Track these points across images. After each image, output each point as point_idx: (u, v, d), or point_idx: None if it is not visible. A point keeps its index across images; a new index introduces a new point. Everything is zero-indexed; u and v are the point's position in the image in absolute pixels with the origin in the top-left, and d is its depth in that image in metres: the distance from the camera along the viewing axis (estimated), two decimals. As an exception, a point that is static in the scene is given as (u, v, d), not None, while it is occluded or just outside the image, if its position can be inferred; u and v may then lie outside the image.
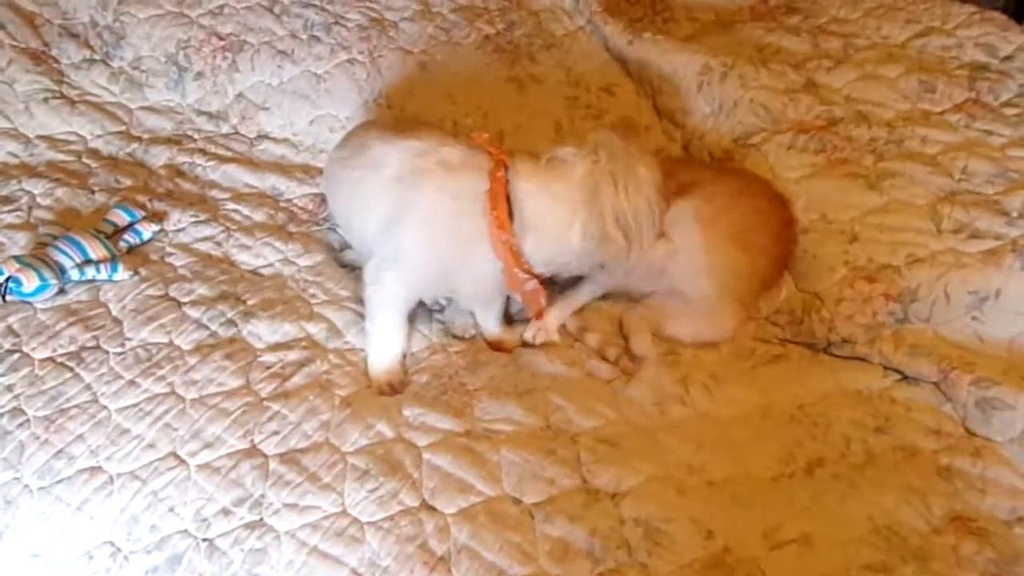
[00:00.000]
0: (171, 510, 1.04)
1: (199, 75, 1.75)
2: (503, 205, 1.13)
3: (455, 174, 1.17)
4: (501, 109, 1.56)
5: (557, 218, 1.13)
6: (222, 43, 1.74)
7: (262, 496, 1.04)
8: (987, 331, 1.15)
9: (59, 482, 1.07)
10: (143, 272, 1.35)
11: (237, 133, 1.73)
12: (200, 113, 1.75)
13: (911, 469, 1.03)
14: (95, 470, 1.08)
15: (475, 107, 1.57)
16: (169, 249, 1.43)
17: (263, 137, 1.71)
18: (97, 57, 1.78)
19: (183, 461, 1.08)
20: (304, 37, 1.73)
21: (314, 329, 1.28)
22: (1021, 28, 1.59)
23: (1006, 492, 1.01)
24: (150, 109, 1.75)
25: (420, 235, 1.18)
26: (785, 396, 1.13)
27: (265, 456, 1.08)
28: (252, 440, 1.10)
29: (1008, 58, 1.54)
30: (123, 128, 1.71)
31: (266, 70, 1.72)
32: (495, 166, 1.15)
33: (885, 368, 1.18)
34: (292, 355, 1.23)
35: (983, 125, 1.39)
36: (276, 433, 1.11)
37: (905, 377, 1.16)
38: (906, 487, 1.01)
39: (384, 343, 1.24)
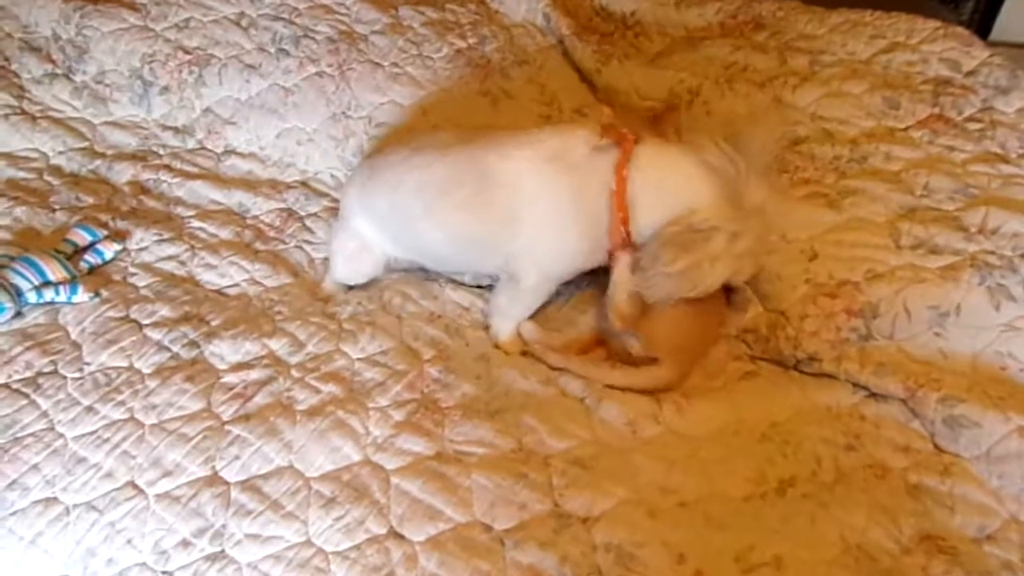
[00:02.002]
0: (129, 542, 1.01)
1: (165, 90, 1.72)
2: (624, 207, 1.18)
3: (590, 173, 1.20)
4: (475, 122, 1.55)
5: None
6: (188, 57, 1.71)
7: (223, 526, 1.01)
8: (950, 347, 1.16)
9: (12, 514, 1.03)
10: (104, 293, 1.32)
11: (203, 148, 1.70)
12: (166, 128, 1.72)
13: (881, 487, 1.03)
14: (50, 501, 1.04)
15: (448, 119, 1.56)
16: (132, 269, 1.40)
17: (230, 152, 1.69)
18: (59, 71, 1.74)
19: (141, 491, 1.05)
20: (272, 51, 1.71)
21: (276, 345, 1.25)
22: (984, 43, 1.62)
23: (975, 509, 1.01)
24: (114, 124, 1.72)
25: (575, 232, 1.23)
26: (756, 414, 1.13)
27: (226, 483, 1.06)
28: (213, 466, 1.07)
29: (971, 73, 1.56)
30: (86, 144, 1.67)
31: (234, 84, 1.70)
32: (619, 162, 1.17)
33: (854, 385, 1.18)
34: (254, 374, 1.20)
35: (946, 141, 1.41)
36: (237, 458, 1.08)
37: (873, 393, 1.16)
38: (876, 506, 1.01)
39: (515, 321, 1.31)
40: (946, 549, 0.97)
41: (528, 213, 1.22)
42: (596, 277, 1.35)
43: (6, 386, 1.16)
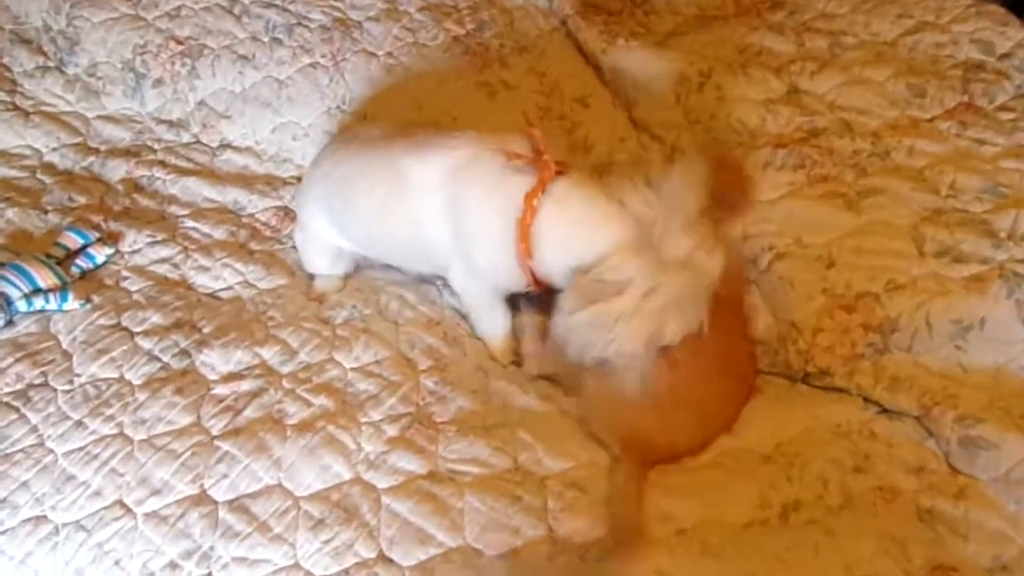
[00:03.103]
0: (117, 563, 1.00)
1: (158, 82, 1.67)
2: (527, 238, 1.08)
3: (496, 191, 1.11)
4: (470, 117, 1.49)
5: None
6: (180, 47, 1.66)
7: (211, 548, 1.00)
8: (971, 360, 1.10)
9: (2, 533, 1.03)
10: (95, 300, 1.30)
11: (199, 142, 1.66)
12: (160, 122, 1.68)
13: (890, 512, 0.99)
14: (40, 519, 1.04)
15: (443, 113, 1.50)
16: (124, 273, 1.37)
17: (225, 146, 1.64)
18: (51, 64, 1.70)
19: (130, 510, 1.03)
20: (265, 40, 1.65)
21: (268, 354, 1.23)
22: (1021, 22, 1.51)
23: (990, 537, 0.96)
24: (108, 118, 1.68)
25: (484, 252, 1.16)
26: (760, 434, 1.08)
27: (215, 503, 1.04)
28: (202, 485, 1.06)
29: (1005, 56, 1.46)
30: (80, 140, 1.64)
31: (227, 76, 1.65)
32: (531, 191, 1.08)
33: (865, 400, 1.12)
34: (245, 385, 1.17)
35: (975, 133, 1.32)
36: (226, 476, 1.06)
37: (885, 410, 1.11)
38: (884, 534, 0.96)
39: (493, 328, 1.27)
40: (958, 581, 0.92)
41: (437, 221, 1.16)
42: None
43: (-3, 399, 1.14)
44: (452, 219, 1.16)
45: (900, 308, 1.12)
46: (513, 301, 1.28)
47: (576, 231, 1.07)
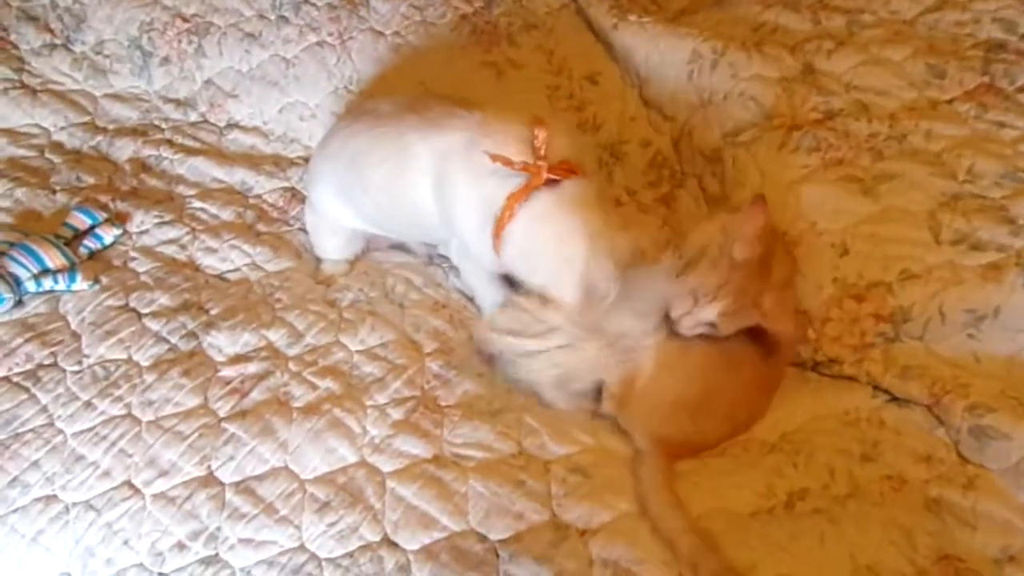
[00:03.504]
0: (126, 543, 1.01)
1: (165, 60, 1.66)
2: (500, 235, 1.10)
3: (482, 183, 1.11)
4: (477, 95, 1.44)
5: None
6: (187, 25, 1.65)
7: (218, 529, 1.01)
8: (984, 349, 1.08)
9: (14, 511, 1.04)
10: (104, 280, 1.30)
11: (206, 122, 1.66)
12: (167, 101, 1.67)
13: (897, 501, 0.98)
14: (50, 499, 1.05)
15: (450, 92, 1.47)
16: (132, 253, 1.38)
17: (232, 126, 1.64)
18: (58, 42, 1.70)
19: (138, 491, 1.04)
20: (272, 17, 1.63)
21: (274, 336, 1.23)
22: (1045, 0, 1.46)
23: (998, 528, 0.95)
24: (115, 97, 1.68)
25: (465, 236, 1.18)
26: (767, 423, 1.07)
27: (221, 484, 1.05)
28: (209, 466, 1.06)
29: (1028, 35, 1.41)
30: (88, 119, 1.64)
31: (234, 55, 1.64)
32: (515, 193, 1.07)
33: (874, 388, 1.11)
34: (252, 367, 1.18)
35: (995, 116, 1.28)
36: (232, 458, 1.07)
37: (895, 398, 1.09)
38: (891, 523, 0.95)
39: (488, 304, 1.26)
40: (964, 572, 0.92)
41: (431, 198, 1.17)
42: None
43: (7, 379, 1.15)
44: (440, 199, 1.17)
45: (913, 298, 1.10)
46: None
47: (540, 252, 1.08)
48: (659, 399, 1.06)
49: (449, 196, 1.15)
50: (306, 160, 1.58)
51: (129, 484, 1.05)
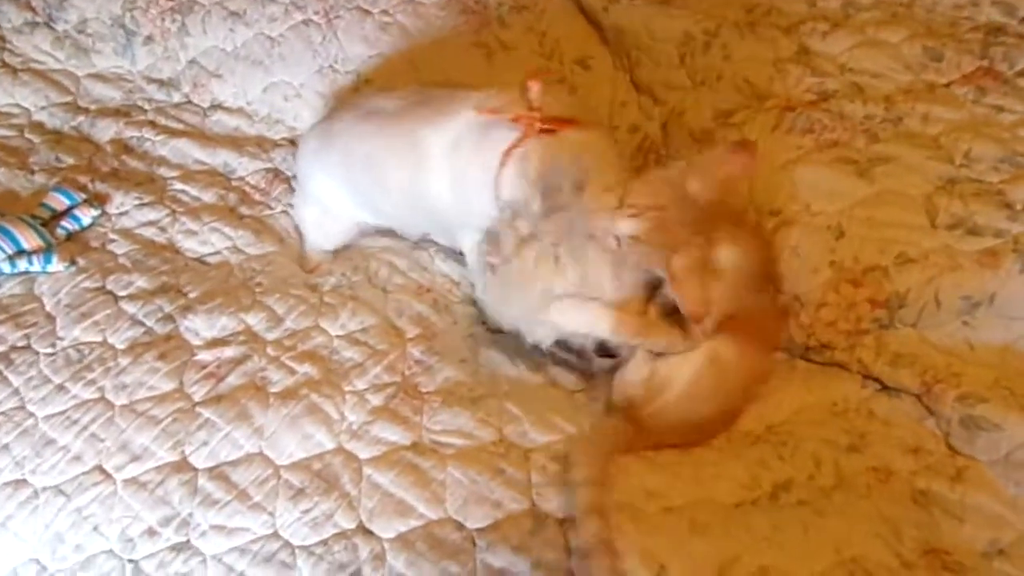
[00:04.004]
0: (95, 529, 0.99)
1: (148, 39, 1.64)
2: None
3: (481, 148, 1.10)
4: (466, 76, 1.43)
5: None
6: (171, 3, 1.62)
7: (190, 515, 0.99)
8: (978, 337, 1.05)
9: (-17, 495, 1.02)
10: (81, 262, 1.28)
11: (189, 102, 1.63)
12: (151, 81, 1.65)
13: (884, 493, 0.96)
14: (20, 483, 1.03)
15: (438, 74, 1.45)
16: (111, 235, 1.35)
17: (216, 107, 1.61)
18: (40, 20, 1.67)
19: (109, 475, 1.02)
20: (258, -5, 1.60)
21: (253, 320, 1.21)
22: (1046, -17, 1.42)
23: (987, 521, 0.93)
24: (98, 77, 1.65)
25: (476, 208, 1.13)
26: (754, 412, 1.05)
27: (194, 470, 1.03)
28: (182, 451, 1.04)
29: (1028, 18, 1.38)
30: (70, 99, 1.61)
31: (218, 33, 1.60)
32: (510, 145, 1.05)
33: (864, 377, 1.08)
34: (228, 351, 1.15)
35: (994, 100, 1.25)
36: (206, 444, 1.05)
37: (886, 387, 1.07)
38: (877, 515, 0.93)
39: None
40: (952, 565, 0.90)
41: (451, 191, 1.14)
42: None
43: (-21, 362, 1.13)
44: (455, 188, 1.15)
45: (909, 283, 1.07)
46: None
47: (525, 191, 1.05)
48: (677, 419, 1.02)
49: (462, 182, 1.13)
50: (290, 142, 1.55)
51: (100, 469, 1.03)
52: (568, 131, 1.07)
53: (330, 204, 1.32)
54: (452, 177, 1.14)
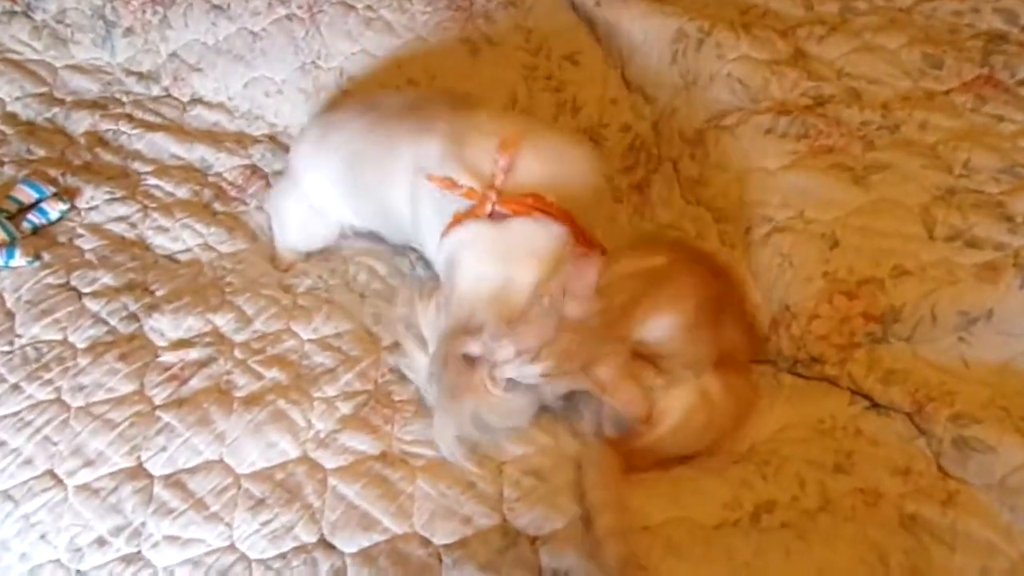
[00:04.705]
0: (43, 537, 0.94)
1: (128, 31, 1.60)
2: None
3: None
4: (450, 74, 1.39)
5: None
6: (152, -6, 1.58)
7: (142, 525, 0.94)
8: (974, 354, 1.01)
9: (-73, 499, 0.97)
10: (46, 257, 1.24)
11: (169, 96, 1.59)
12: (130, 73, 1.60)
13: (871, 517, 0.91)
14: (-34, 487, 0.98)
15: (422, 71, 1.40)
16: (79, 230, 1.31)
17: (196, 101, 1.57)
18: (18, 9, 1.63)
19: (60, 481, 0.98)
20: (242, -12, 1.55)
21: (221, 321, 1.16)
22: (1049, -9, 1.39)
23: (978, 548, 0.88)
24: (76, 68, 1.61)
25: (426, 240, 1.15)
26: (736, 432, 1.00)
27: (150, 477, 0.98)
28: (138, 457, 1.00)
29: (1031, 26, 1.34)
30: (45, 89, 1.57)
31: (200, 26, 1.56)
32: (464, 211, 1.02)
33: (853, 393, 1.04)
34: (193, 353, 1.11)
35: (994, 109, 1.21)
36: (164, 449, 1.00)
37: (876, 404, 1.02)
38: (863, 540, 0.88)
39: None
40: (941, 594, 0.85)
41: (410, 206, 1.12)
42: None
43: (-67, 359, 1.09)
44: (412, 206, 1.13)
45: (905, 297, 1.03)
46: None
47: (451, 282, 1.03)
48: (668, 452, 0.97)
49: (417, 206, 1.11)
50: (270, 138, 1.51)
51: (51, 474, 0.98)
52: (519, 219, 1.02)
53: (320, 202, 1.27)
54: (412, 196, 1.11)
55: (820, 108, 1.23)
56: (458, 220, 1.03)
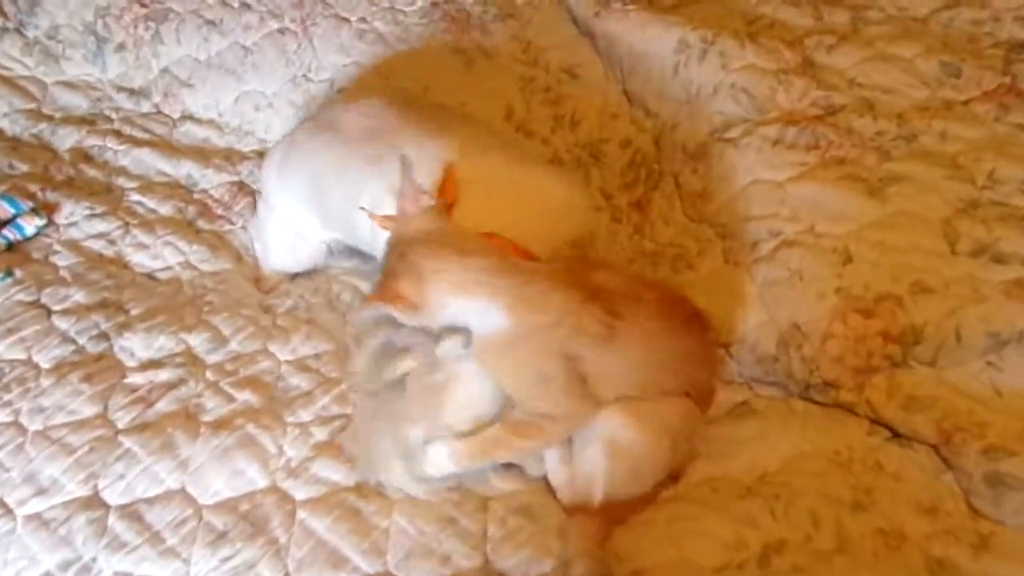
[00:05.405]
0: (-14, 573, 0.87)
1: (120, 47, 1.57)
2: None
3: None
4: (444, 86, 1.34)
5: None
6: (145, 11, 1.55)
7: (93, 560, 0.87)
8: (1006, 381, 0.92)
9: None
10: (18, 273, 1.19)
11: (159, 112, 1.55)
12: (120, 89, 1.57)
13: (894, 561, 0.82)
14: (-88, 515, 0.91)
15: (414, 82, 1.35)
16: (56, 247, 1.26)
17: (186, 118, 1.53)
18: (11, 26, 1.61)
19: (10, 510, 0.91)
20: (235, 4, 1.53)
21: (195, 341, 1.10)
22: (1071, 0, 1.32)
23: (1016, 598, 0.78)
24: (66, 84, 1.58)
25: None
26: (742, 460, 0.91)
27: (106, 507, 0.91)
28: (95, 485, 0.93)
29: (1054, 36, 1.27)
30: (34, 105, 1.55)
31: (192, 42, 1.53)
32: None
33: (872, 422, 0.95)
34: (163, 375, 1.05)
35: (1017, 118, 1.14)
36: (122, 477, 0.93)
37: (897, 435, 0.93)
38: (886, 587, 0.79)
39: None
40: (975, 651, 0.75)
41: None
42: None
43: None
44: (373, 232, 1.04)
45: (927, 315, 0.94)
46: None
47: None
48: (623, 502, 0.88)
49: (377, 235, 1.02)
50: (259, 154, 1.46)
51: (1, 503, 0.91)
52: None
53: (296, 224, 1.21)
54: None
55: (831, 118, 1.17)
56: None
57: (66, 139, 1.47)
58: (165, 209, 1.34)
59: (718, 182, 1.15)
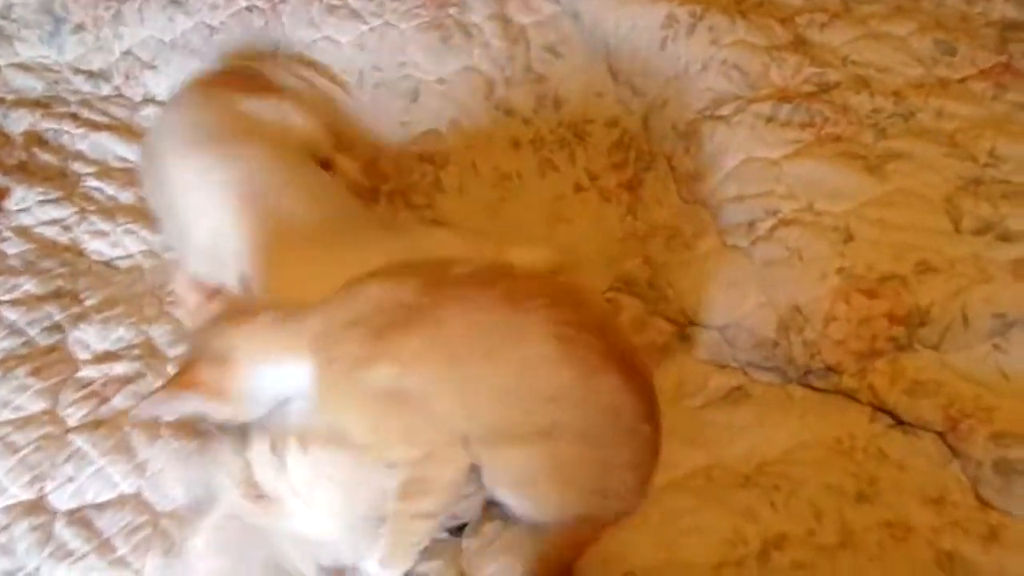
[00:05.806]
0: (-83, 586, 0.79)
1: (79, 28, 1.49)
2: None
3: None
4: (419, 63, 1.28)
5: None
6: (105, -12, 1.47)
7: (36, 570, 0.81)
8: (1013, 364, 0.88)
9: None
10: (-37, 263, 1.10)
11: (120, 95, 1.48)
12: (78, 72, 1.50)
13: (900, 555, 0.77)
14: None
15: (388, 58, 1.29)
16: (5, 233, 1.20)
17: (148, 101, 1.45)
18: (-40, 5, 1.52)
19: (-54, 517, 0.83)
20: (202, -19, 1.45)
21: (156, 332, 1.03)
22: (1064, -21, 1.29)
23: (1031, 593, 0.74)
24: (20, 66, 1.51)
25: None
26: (738, 449, 0.86)
27: (52, 512, 0.84)
28: (41, 488, 0.86)
29: (1049, 16, 1.24)
30: (-15, 89, 1.46)
31: (156, 22, 1.46)
32: None
33: (875, 408, 0.90)
34: (119, 368, 0.98)
35: (1016, 97, 1.10)
36: (71, 480, 0.86)
37: (900, 422, 0.89)
38: (893, 583, 0.74)
39: None
40: (988, 649, 0.70)
41: None
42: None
43: None
44: None
45: (932, 296, 0.90)
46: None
47: None
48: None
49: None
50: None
51: (-65, 507, 0.84)
52: None
53: None
54: None
55: (826, 95, 1.12)
56: None
57: (19, 122, 1.39)
58: (125, 196, 1.27)
59: (710, 160, 1.10)
